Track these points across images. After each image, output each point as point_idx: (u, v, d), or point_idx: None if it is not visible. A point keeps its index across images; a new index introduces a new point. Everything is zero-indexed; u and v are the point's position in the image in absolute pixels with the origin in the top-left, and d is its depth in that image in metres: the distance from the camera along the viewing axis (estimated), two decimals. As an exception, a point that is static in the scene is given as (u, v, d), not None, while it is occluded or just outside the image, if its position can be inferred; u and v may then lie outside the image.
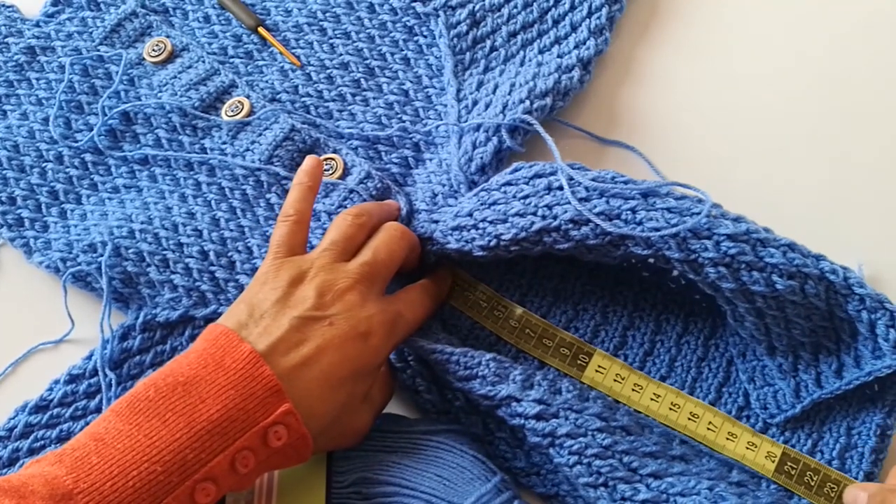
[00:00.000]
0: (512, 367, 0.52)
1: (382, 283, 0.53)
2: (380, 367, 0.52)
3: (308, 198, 0.54)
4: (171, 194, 0.63)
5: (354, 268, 0.51)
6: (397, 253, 0.54)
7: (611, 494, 0.49)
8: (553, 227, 0.52)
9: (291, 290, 0.49)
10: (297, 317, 0.48)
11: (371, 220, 0.55)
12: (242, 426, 0.44)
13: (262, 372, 0.45)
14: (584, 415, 0.50)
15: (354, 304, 0.49)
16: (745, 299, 0.50)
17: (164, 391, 0.45)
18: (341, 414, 0.49)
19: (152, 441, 0.43)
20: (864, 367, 0.52)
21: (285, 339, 0.47)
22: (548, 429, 0.50)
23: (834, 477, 0.53)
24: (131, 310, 0.59)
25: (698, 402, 0.55)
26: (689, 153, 0.64)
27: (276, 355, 0.47)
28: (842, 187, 0.62)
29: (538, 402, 0.50)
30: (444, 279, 0.58)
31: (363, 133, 0.64)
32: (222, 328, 0.48)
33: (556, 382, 0.52)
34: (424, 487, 0.50)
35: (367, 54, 0.67)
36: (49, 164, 0.64)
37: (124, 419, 0.44)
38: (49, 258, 0.61)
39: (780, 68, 0.66)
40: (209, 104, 0.65)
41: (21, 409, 0.57)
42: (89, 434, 0.44)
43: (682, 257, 0.50)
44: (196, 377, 0.45)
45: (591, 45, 0.65)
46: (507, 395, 0.51)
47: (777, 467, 0.53)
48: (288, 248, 0.52)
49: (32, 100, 0.66)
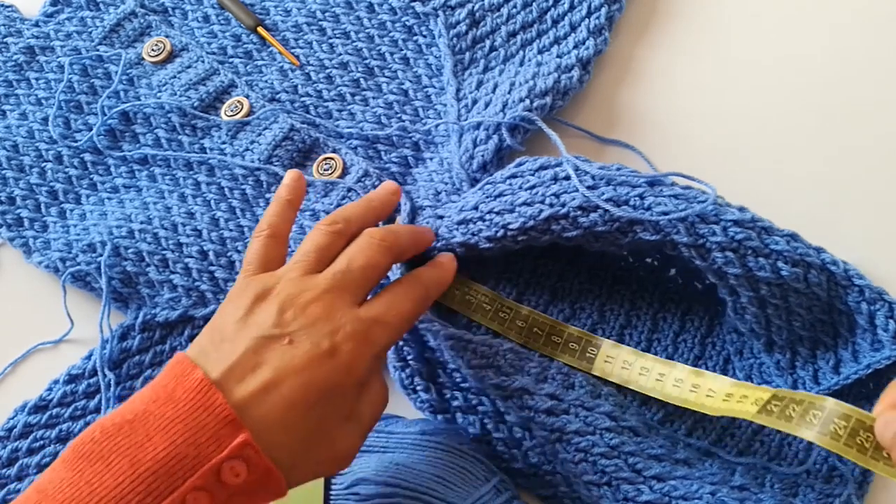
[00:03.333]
0: (528, 358, 0.52)
1: (361, 292, 0.47)
2: (360, 382, 0.45)
3: (285, 212, 0.50)
4: (171, 194, 0.63)
5: (323, 278, 0.46)
6: (376, 258, 0.48)
7: (614, 494, 0.49)
8: (561, 214, 0.52)
9: (254, 307, 0.45)
10: (255, 337, 0.43)
11: (350, 227, 0.50)
12: (193, 463, 0.39)
13: (213, 401, 0.40)
14: (595, 413, 0.51)
15: (318, 318, 0.44)
16: (749, 287, 0.51)
17: (110, 431, 0.40)
18: (316, 440, 0.43)
19: (93, 488, 0.39)
20: (863, 361, 0.52)
21: (241, 362, 0.42)
22: (557, 424, 0.50)
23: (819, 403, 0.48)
24: (130, 310, 0.59)
25: (698, 372, 0.54)
26: (689, 152, 0.64)
27: (232, 381, 0.42)
28: (841, 187, 0.62)
29: (550, 397, 0.50)
30: (438, 266, 0.53)
31: (363, 132, 0.64)
32: (180, 355, 0.43)
33: (569, 377, 0.52)
34: (423, 488, 0.50)
35: (366, 54, 0.67)
36: (48, 164, 0.64)
37: (69, 465, 0.40)
38: (48, 258, 0.61)
39: (779, 67, 0.66)
40: (208, 104, 0.65)
41: (20, 409, 0.57)
42: (34, 486, 0.40)
43: (690, 241, 0.50)
44: (145, 412, 0.41)
45: (591, 44, 0.64)
46: (520, 386, 0.51)
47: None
48: (259, 265, 0.48)
49: (32, 100, 0.66)
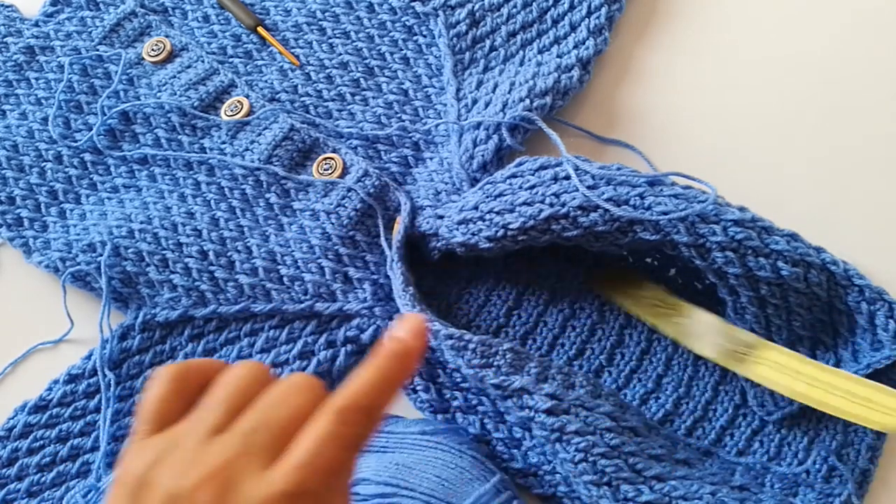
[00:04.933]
0: (528, 358, 0.52)
1: (279, 448, 0.34)
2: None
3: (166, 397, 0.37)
4: (171, 194, 0.63)
5: (226, 444, 0.34)
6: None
7: (614, 494, 0.49)
8: (561, 214, 0.52)
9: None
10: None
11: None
12: None
13: None
14: (595, 413, 0.50)
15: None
16: (749, 287, 0.51)
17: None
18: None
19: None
20: (863, 361, 0.52)
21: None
22: (557, 424, 0.50)
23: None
24: (130, 309, 0.59)
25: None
26: (689, 152, 0.64)
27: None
28: (841, 187, 0.62)
29: (550, 397, 0.50)
30: (392, 356, 0.37)
31: (362, 132, 0.64)
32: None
33: (570, 377, 0.52)
34: (423, 488, 0.50)
35: (366, 54, 0.67)
36: (48, 164, 0.64)
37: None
38: (48, 258, 0.61)
39: (779, 67, 0.66)
40: (208, 104, 0.65)
41: (20, 409, 0.57)
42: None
43: (690, 241, 0.50)
44: None
45: (591, 44, 0.64)
46: (520, 386, 0.50)
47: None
48: (154, 419, 0.36)
49: (31, 99, 0.66)
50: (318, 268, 0.59)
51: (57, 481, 0.56)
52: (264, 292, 0.59)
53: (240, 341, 0.59)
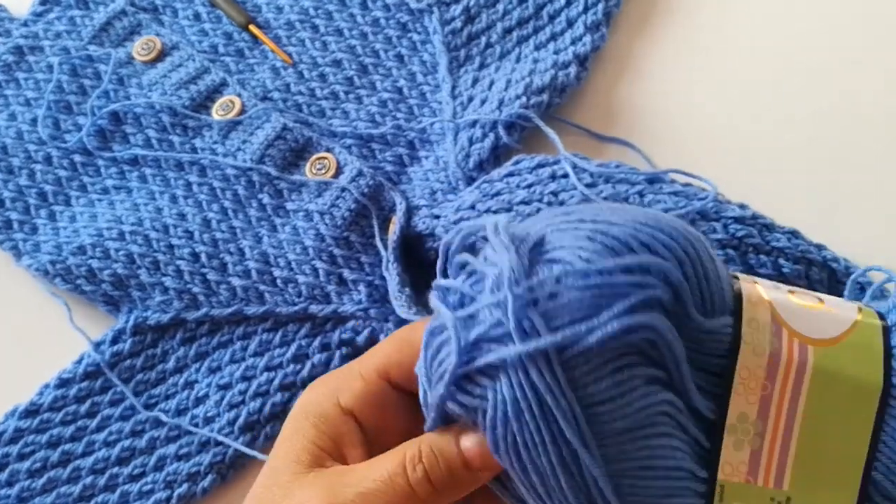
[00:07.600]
0: None
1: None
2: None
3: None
4: (162, 195, 0.62)
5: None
6: None
7: None
8: None
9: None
10: None
11: None
12: None
13: None
14: None
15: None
16: None
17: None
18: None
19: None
20: None
21: None
22: None
23: None
24: (122, 312, 0.59)
25: None
26: (688, 149, 0.63)
27: None
28: (842, 185, 0.61)
29: None
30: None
31: (356, 131, 0.63)
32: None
33: None
34: None
35: (359, 51, 0.66)
36: (38, 166, 0.63)
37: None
38: (38, 261, 0.60)
39: (780, 63, 0.66)
40: (199, 103, 0.64)
41: (10, 414, 0.57)
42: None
43: None
44: None
45: (588, 41, 0.64)
46: None
47: None
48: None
49: (21, 100, 0.65)
50: (311, 269, 0.59)
51: (47, 487, 0.55)
52: (257, 294, 0.59)
53: (233, 344, 0.58)
